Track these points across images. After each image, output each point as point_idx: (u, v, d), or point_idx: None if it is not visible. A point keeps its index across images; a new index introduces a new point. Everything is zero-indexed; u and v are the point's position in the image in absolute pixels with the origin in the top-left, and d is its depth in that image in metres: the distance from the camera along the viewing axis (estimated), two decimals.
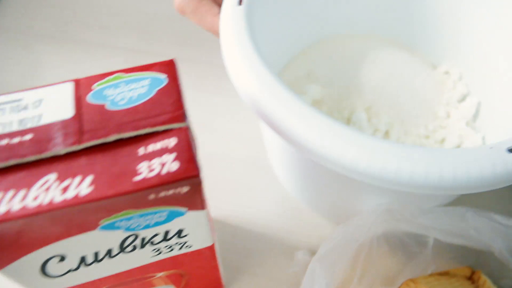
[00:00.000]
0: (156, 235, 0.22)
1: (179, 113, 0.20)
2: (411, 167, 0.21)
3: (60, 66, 0.46)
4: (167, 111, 0.20)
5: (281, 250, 0.35)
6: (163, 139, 0.20)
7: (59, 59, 0.47)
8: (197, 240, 0.24)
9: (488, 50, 0.35)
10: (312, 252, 0.31)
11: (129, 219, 0.21)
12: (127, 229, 0.21)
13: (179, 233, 0.23)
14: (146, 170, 0.19)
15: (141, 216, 0.21)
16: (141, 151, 0.19)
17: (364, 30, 0.41)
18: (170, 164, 0.19)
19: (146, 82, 0.21)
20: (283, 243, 0.35)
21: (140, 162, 0.19)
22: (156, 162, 0.19)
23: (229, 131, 0.41)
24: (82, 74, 0.44)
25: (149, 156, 0.19)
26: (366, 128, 0.34)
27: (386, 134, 0.35)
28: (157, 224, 0.22)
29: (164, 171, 0.19)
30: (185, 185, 0.19)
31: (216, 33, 0.31)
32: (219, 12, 0.28)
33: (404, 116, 0.35)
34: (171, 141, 0.19)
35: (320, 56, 0.38)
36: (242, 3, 0.28)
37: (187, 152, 0.19)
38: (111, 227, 0.21)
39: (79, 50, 0.47)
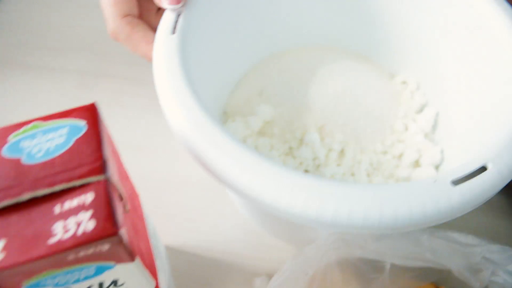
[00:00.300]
0: (90, 287, 0.21)
1: (97, 165, 0.19)
2: (348, 207, 0.20)
3: (6, 95, 0.44)
4: (84, 163, 0.19)
5: (241, 276, 0.34)
6: (80, 194, 0.18)
7: (3, 86, 0.44)
8: (137, 286, 0.23)
9: (443, 59, 0.35)
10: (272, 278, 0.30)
11: (54, 277, 0.19)
12: (56, 285, 0.20)
13: (114, 283, 0.22)
14: (61, 231, 0.18)
15: (67, 273, 0.19)
16: (57, 209, 0.18)
17: (319, 42, 0.40)
18: (86, 223, 0.18)
19: (65, 130, 0.20)
20: (242, 269, 0.34)
21: (55, 222, 0.18)
22: (72, 222, 0.18)
23: (184, 154, 0.40)
24: (32, 102, 0.43)
25: (65, 215, 0.18)
26: (319, 150, 0.33)
27: (342, 153, 0.34)
28: (87, 278, 0.20)
29: (79, 232, 0.17)
30: (105, 243, 0.18)
31: (151, 61, 0.29)
32: (153, 39, 0.27)
33: (359, 133, 0.34)
34: (88, 197, 0.18)
35: (272, 73, 0.37)
36: (175, 31, 0.27)
37: (104, 209, 0.18)
38: (37, 285, 0.20)
39: (28, 76, 0.45)
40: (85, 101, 0.42)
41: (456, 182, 0.22)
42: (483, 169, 0.22)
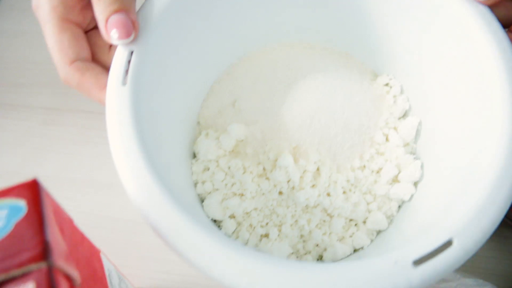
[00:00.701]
0: None
1: (38, 251, 0.18)
2: None
3: None
4: (24, 249, 0.18)
5: None
6: (19, 285, 0.17)
7: None
8: None
9: (427, 65, 0.33)
10: None
11: None
12: None
13: None
14: None
15: None
16: None
17: (298, 39, 0.38)
18: None
19: (4, 213, 0.19)
20: None
21: None
22: None
23: None
24: None
25: None
26: (293, 172, 0.32)
27: (317, 173, 0.33)
28: None
29: None
30: None
31: None
32: (106, 84, 0.26)
33: (336, 150, 0.33)
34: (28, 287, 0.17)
35: (246, 81, 0.35)
36: (127, 76, 0.26)
37: None
38: None
39: None
40: (51, 138, 0.42)
41: (418, 261, 0.21)
42: (447, 244, 0.22)
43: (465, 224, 0.22)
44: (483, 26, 0.28)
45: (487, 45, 0.27)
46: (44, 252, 0.18)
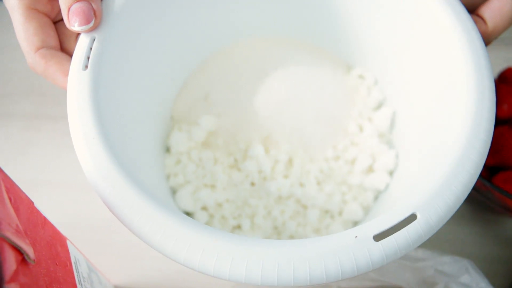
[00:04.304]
0: None
1: None
2: (260, 266, 0.20)
3: None
4: None
5: None
6: None
7: None
8: None
9: (399, 56, 0.33)
10: None
11: None
12: None
13: None
14: None
15: None
16: None
17: (271, 33, 0.38)
18: None
19: None
20: None
21: None
22: None
23: None
24: None
25: None
26: (264, 162, 0.31)
27: (289, 163, 0.32)
28: None
29: None
30: None
31: None
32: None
33: (307, 140, 0.33)
34: None
35: (218, 75, 0.35)
36: (89, 61, 0.26)
37: None
38: None
39: None
40: (32, 145, 0.42)
41: (379, 236, 0.21)
42: (410, 218, 0.21)
43: (428, 199, 0.22)
44: (452, 17, 0.28)
45: (454, 32, 0.27)
46: None
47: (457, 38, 0.27)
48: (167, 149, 0.34)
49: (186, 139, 0.33)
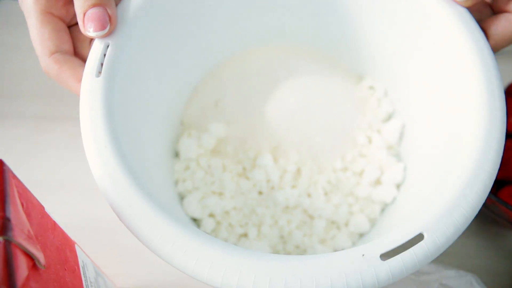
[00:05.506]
0: None
1: None
2: (268, 281, 0.20)
3: None
4: None
5: None
6: None
7: None
8: None
9: (411, 68, 0.33)
10: None
11: None
12: None
13: None
14: None
15: None
16: None
17: (283, 41, 0.38)
18: None
19: None
20: None
21: None
22: None
23: None
24: None
25: None
26: (272, 172, 0.32)
27: (298, 173, 0.33)
28: None
29: None
30: None
31: None
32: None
33: (316, 151, 0.33)
34: None
35: (229, 82, 0.35)
36: (102, 69, 0.26)
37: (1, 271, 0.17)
38: None
39: None
40: (43, 146, 0.42)
41: (386, 255, 0.21)
42: (418, 238, 0.21)
43: (436, 219, 0.22)
44: (462, 28, 0.28)
45: (466, 48, 0.27)
46: (3, 227, 0.18)
47: (471, 58, 0.27)
48: (176, 154, 0.34)
49: (196, 145, 0.33)
